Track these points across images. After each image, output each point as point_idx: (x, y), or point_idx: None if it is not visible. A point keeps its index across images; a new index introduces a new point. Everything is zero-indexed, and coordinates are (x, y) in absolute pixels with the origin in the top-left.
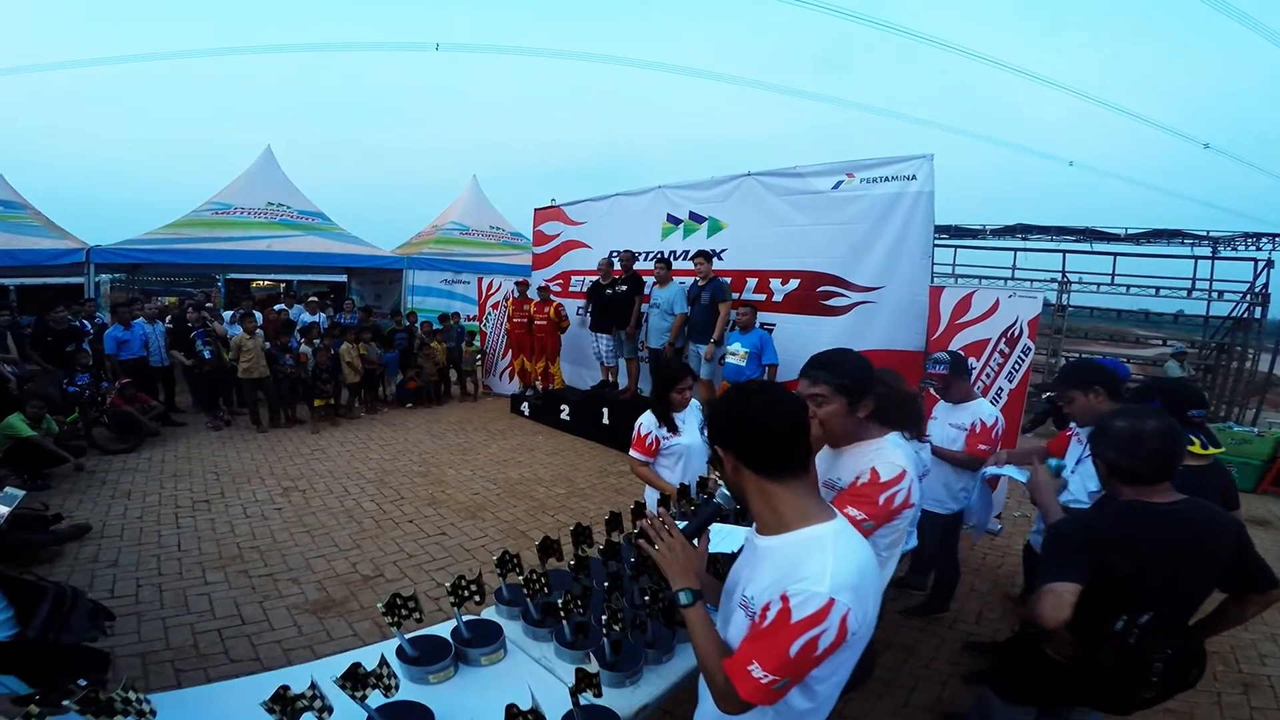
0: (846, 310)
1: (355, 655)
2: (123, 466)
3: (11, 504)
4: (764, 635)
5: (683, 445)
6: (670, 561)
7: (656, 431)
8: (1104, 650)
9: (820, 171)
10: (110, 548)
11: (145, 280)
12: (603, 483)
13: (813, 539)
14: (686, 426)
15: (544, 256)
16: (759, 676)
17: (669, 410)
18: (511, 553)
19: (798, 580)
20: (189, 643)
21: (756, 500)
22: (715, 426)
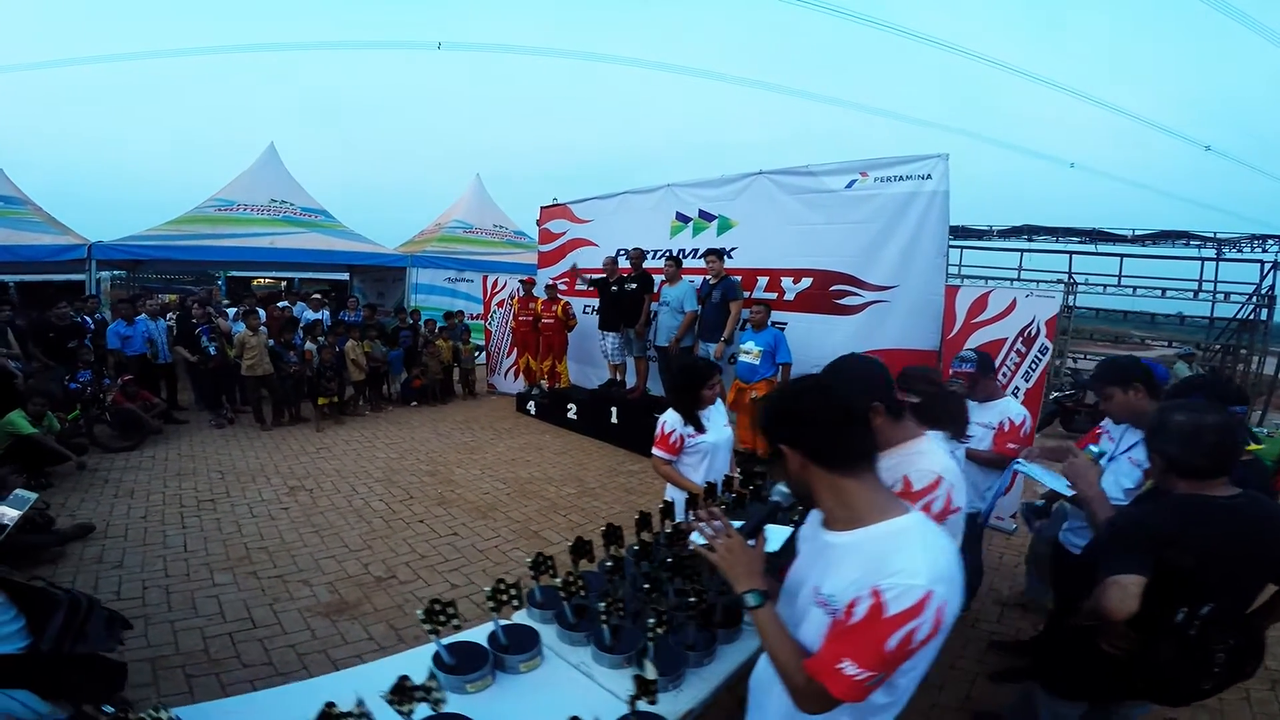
0: (860, 309)
1: (389, 663)
2: (125, 465)
3: (23, 507)
4: (854, 632)
5: (709, 443)
6: (731, 563)
7: (681, 429)
8: (1165, 643)
9: (834, 170)
10: (115, 548)
11: (145, 278)
12: (613, 482)
13: (897, 532)
14: (711, 424)
15: (550, 254)
16: (854, 674)
17: (696, 408)
18: (546, 555)
19: (890, 574)
20: (199, 647)
21: (827, 497)
22: (779, 424)
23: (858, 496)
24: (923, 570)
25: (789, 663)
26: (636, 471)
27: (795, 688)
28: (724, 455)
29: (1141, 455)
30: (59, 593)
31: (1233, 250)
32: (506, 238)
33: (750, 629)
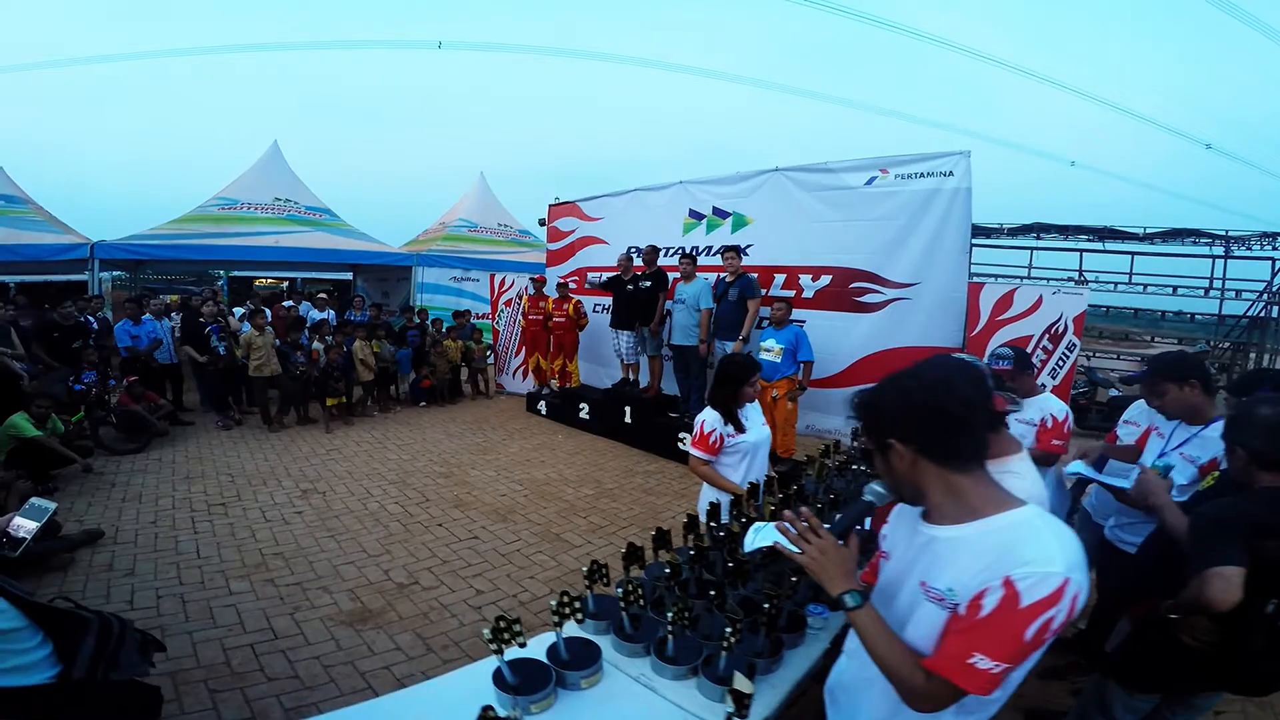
0: (881, 307)
1: (450, 680)
2: (131, 468)
3: (41, 518)
4: (985, 625)
5: (749, 443)
6: (824, 565)
7: (721, 429)
8: (1256, 634)
9: (853, 167)
10: (125, 555)
11: (146, 278)
12: (630, 483)
13: (1022, 522)
14: (750, 423)
15: (559, 253)
16: (988, 667)
17: (736, 405)
18: (599, 562)
19: (1022, 563)
20: (220, 660)
21: (937, 492)
22: (887, 419)
23: (973, 491)
24: (1058, 557)
25: (902, 663)
26: (653, 472)
27: (912, 688)
28: (763, 455)
29: (1195, 451)
30: (88, 614)
31: (1242, 248)
32: (511, 236)
33: (815, 632)
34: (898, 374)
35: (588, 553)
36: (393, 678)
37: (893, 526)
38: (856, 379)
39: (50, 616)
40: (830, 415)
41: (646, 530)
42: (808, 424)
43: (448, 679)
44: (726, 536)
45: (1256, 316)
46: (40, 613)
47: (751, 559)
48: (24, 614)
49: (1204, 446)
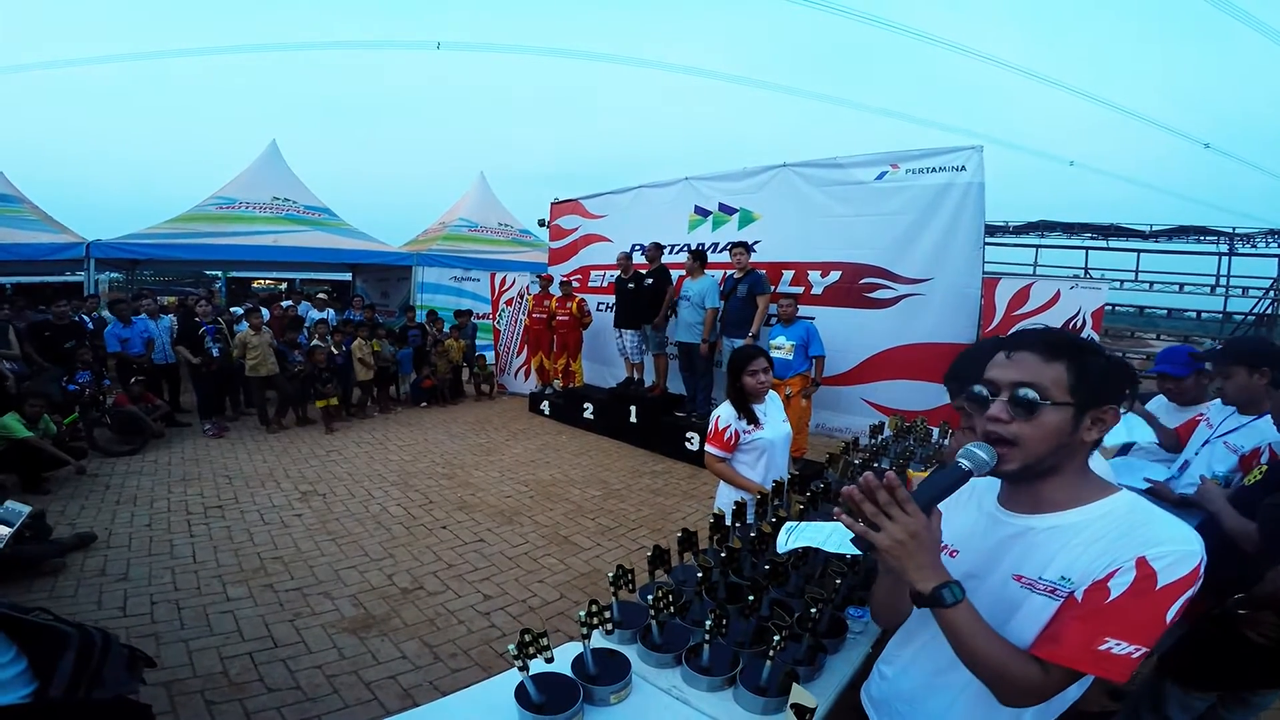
0: (893, 303)
1: (468, 695)
2: (126, 470)
3: (15, 521)
4: (1116, 608)
5: (765, 440)
6: (911, 551)
7: (736, 425)
8: None
9: (862, 162)
10: (118, 559)
11: (143, 279)
12: (637, 484)
13: (1137, 504)
14: (768, 419)
15: (561, 251)
16: (1126, 652)
17: (747, 399)
18: (625, 568)
19: (1155, 543)
20: (218, 669)
21: (1071, 472)
22: (1106, 380)
23: (1087, 472)
24: (1191, 536)
25: (1012, 660)
26: (661, 472)
27: (1026, 684)
28: (782, 453)
29: (1240, 440)
30: (67, 628)
31: (1248, 245)
32: (512, 236)
33: (855, 637)
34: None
35: (597, 555)
36: (399, 688)
37: (949, 519)
38: (867, 376)
39: (25, 630)
40: (841, 413)
41: (657, 532)
42: (818, 423)
43: (464, 696)
44: (757, 537)
45: (1263, 314)
46: (13, 626)
47: (786, 560)
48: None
49: (1249, 436)
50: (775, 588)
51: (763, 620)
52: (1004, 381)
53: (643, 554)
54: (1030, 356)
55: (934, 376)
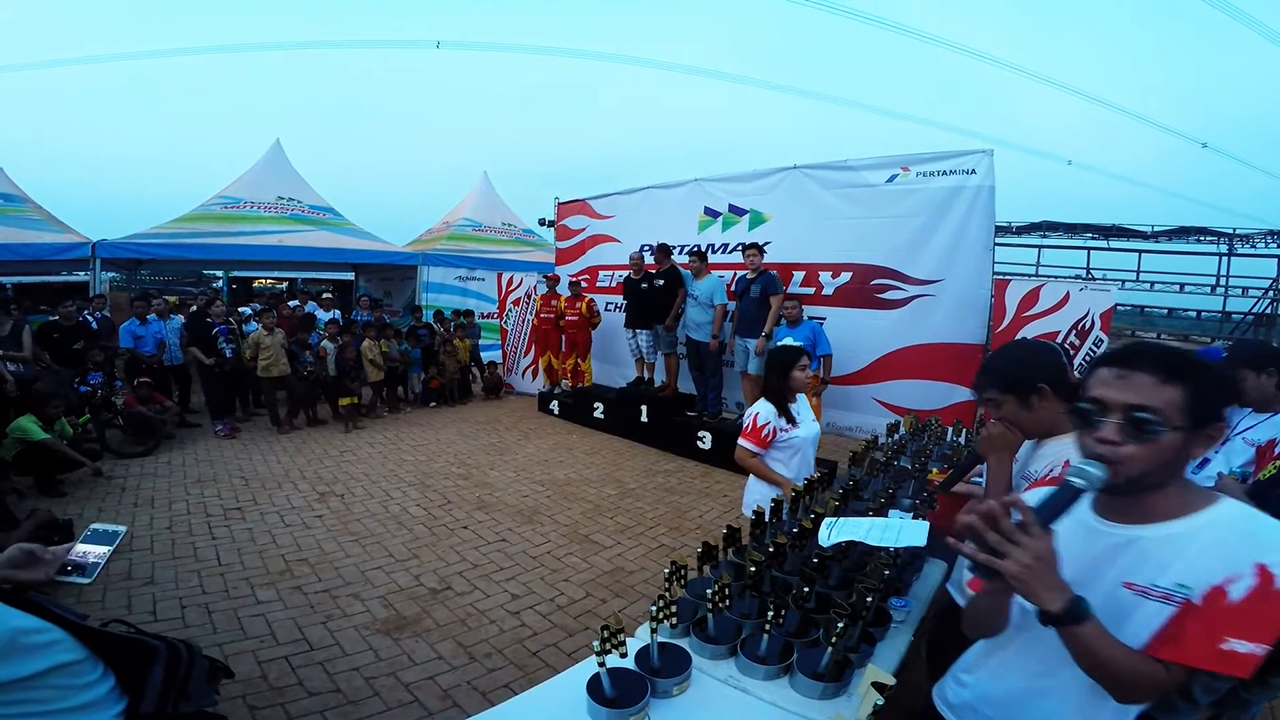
0: (903, 304)
1: (538, 694)
2: (141, 471)
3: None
4: (1237, 610)
5: (800, 438)
6: (1039, 574)
7: (775, 422)
8: None
9: (873, 165)
10: (143, 563)
11: (144, 279)
12: (651, 482)
13: (1249, 513)
14: (802, 418)
15: (568, 251)
16: (1248, 650)
17: (789, 396)
18: (679, 564)
19: (1274, 550)
20: (256, 674)
21: (1176, 483)
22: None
23: (1188, 484)
24: None
25: (1138, 663)
26: (673, 471)
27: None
28: (812, 452)
29: (1256, 435)
30: (154, 642)
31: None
32: (516, 235)
33: (898, 625)
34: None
35: (619, 553)
36: (438, 689)
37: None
38: (878, 376)
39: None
40: (851, 412)
41: (674, 530)
42: (829, 421)
43: (534, 694)
44: (799, 533)
45: (1262, 313)
46: (98, 640)
47: (830, 554)
48: (82, 643)
49: (1266, 430)
50: (822, 581)
51: (809, 611)
52: (1117, 403)
53: (663, 551)
54: (1145, 379)
55: (945, 375)
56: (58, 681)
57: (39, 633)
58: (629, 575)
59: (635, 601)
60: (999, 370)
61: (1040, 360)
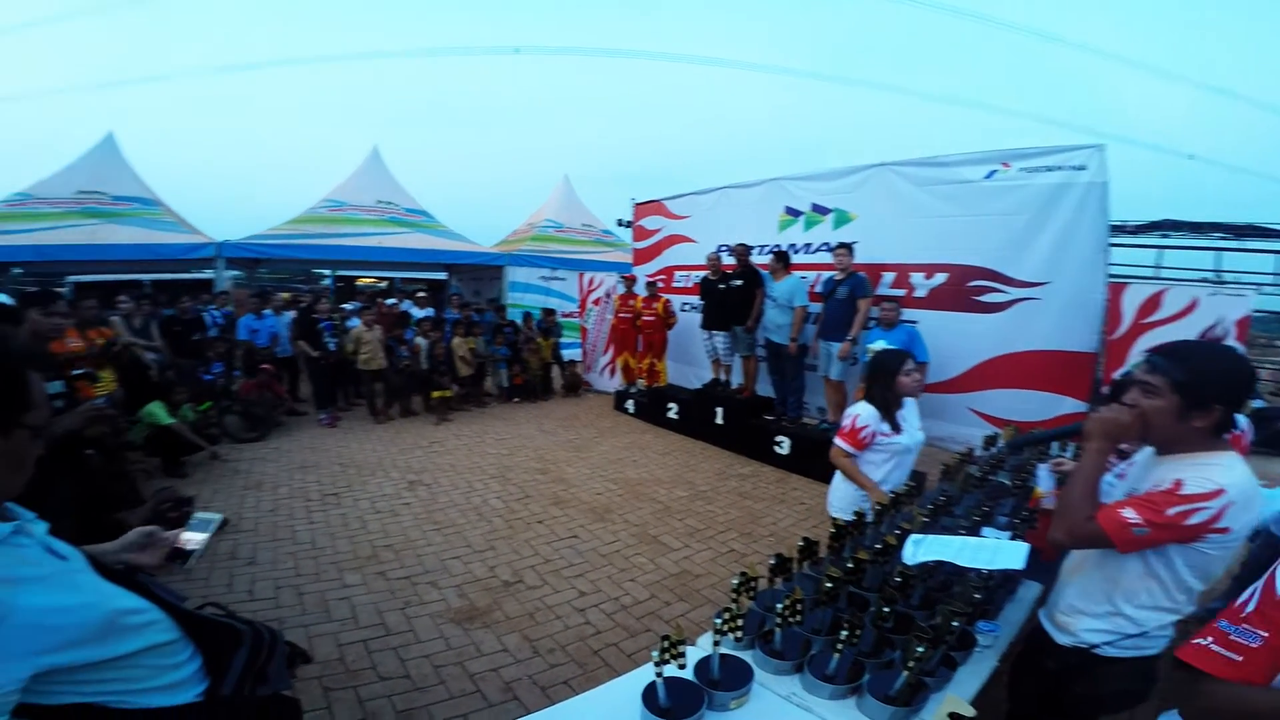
0: (1004, 307)
1: (592, 698)
2: (252, 456)
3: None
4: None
5: (901, 445)
6: None
7: (876, 426)
8: None
9: (970, 161)
10: (247, 543)
11: (262, 277)
12: (725, 485)
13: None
14: (908, 425)
15: (645, 252)
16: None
17: (896, 402)
18: (750, 575)
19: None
20: (335, 655)
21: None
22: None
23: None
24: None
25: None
26: (748, 475)
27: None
28: (911, 463)
29: None
30: (242, 626)
31: None
32: (595, 236)
33: (983, 650)
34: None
35: (686, 556)
36: (501, 681)
37: None
38: (974, 384)
39: (201, 626)
40: (946, 422)
41: (746, 535)
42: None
43: (589, 698)
44: (884, 549)
45: None
46: (192, 622)
47: (916, 573)
48: (177, 624)
49: None
50: (903, 600)
51: (886, 631)
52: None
53: (732, 557)
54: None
55: (1050, 385)
56: (150, 661)
57: (139, 613)
58: (695, 579)
59: (700, 606)
60: (1191, 365)
61: (1236, 381)
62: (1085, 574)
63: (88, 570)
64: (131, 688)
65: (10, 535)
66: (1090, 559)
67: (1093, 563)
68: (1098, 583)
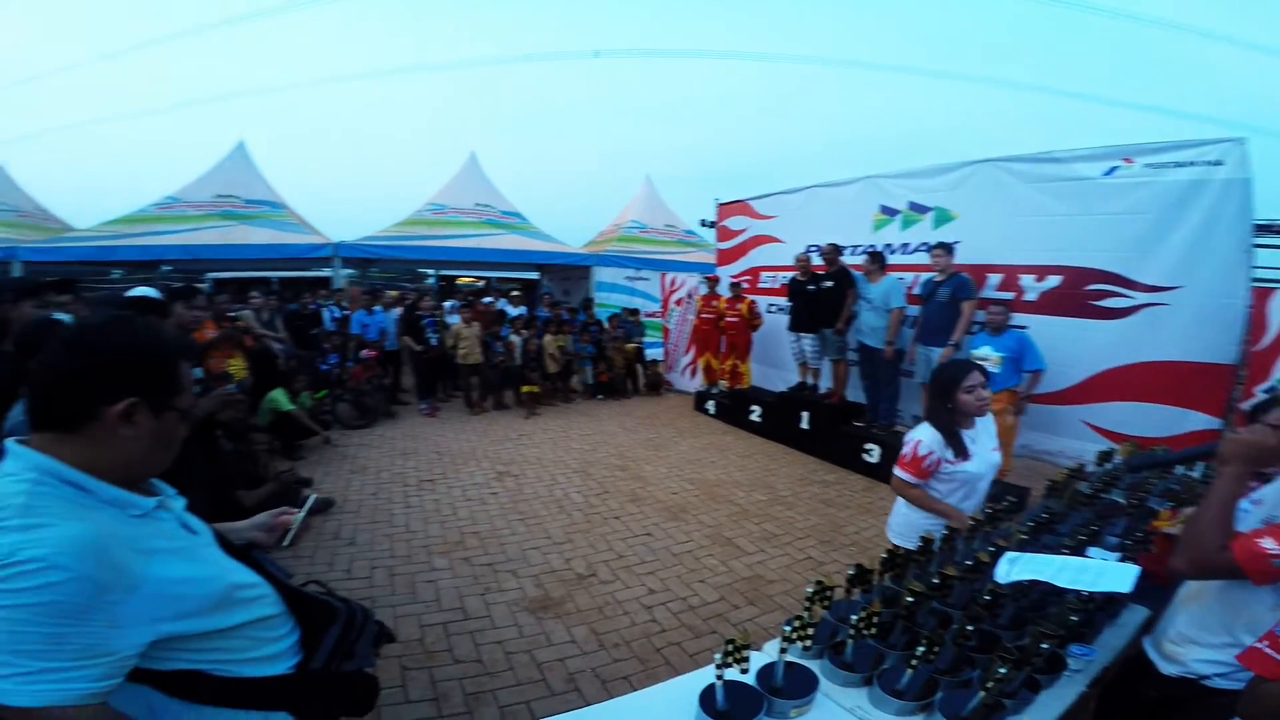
0: (1127, 313)
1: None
2: (359, 442)
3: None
4: None
5: (969, 473)
6: None
7: (940, 452)
8: None
9: (1087, 156)
10: (349, 524)
11: (373, 276)
12: (806, 491)
13: None
14: (978, 447)
15: (729, 252)
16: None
17: (957, 423)
18: (826, 584)
19: None
20: (416, 636)
21: None
22: None
23: None
24: None
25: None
26: (833, 482)
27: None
28: (985, 487)
29: None
30: (338, 604)
31: None
32: (678, 237)
33: (1072, 675)
34: None
35: (760, 561)
36: (565, 671)
37: None
38: (1090, 395)
39: (302, 602)
40: (1055, 435)
41: (826, 544)
42: (1025, 444)
43: (650, 694)
44: (975, 565)
45: None
46: (294, 598)
47: (1005, 590)
48: (282, 599)
49: None
50: (990, 619)
51: (967, 650)
52: None
53: (809, 564)
54: None
55: (1179, 399)
56: (254, 633)
57: (252, 588)
58: (768, 584)
59: (769, 612)
60: None
61: None
62: (1203, 602)
63: (213, 545)
64: (233, 657)
65: (153, 510)
66: (1211, 587)
67: (1214, 591)
68: (1216, 612)
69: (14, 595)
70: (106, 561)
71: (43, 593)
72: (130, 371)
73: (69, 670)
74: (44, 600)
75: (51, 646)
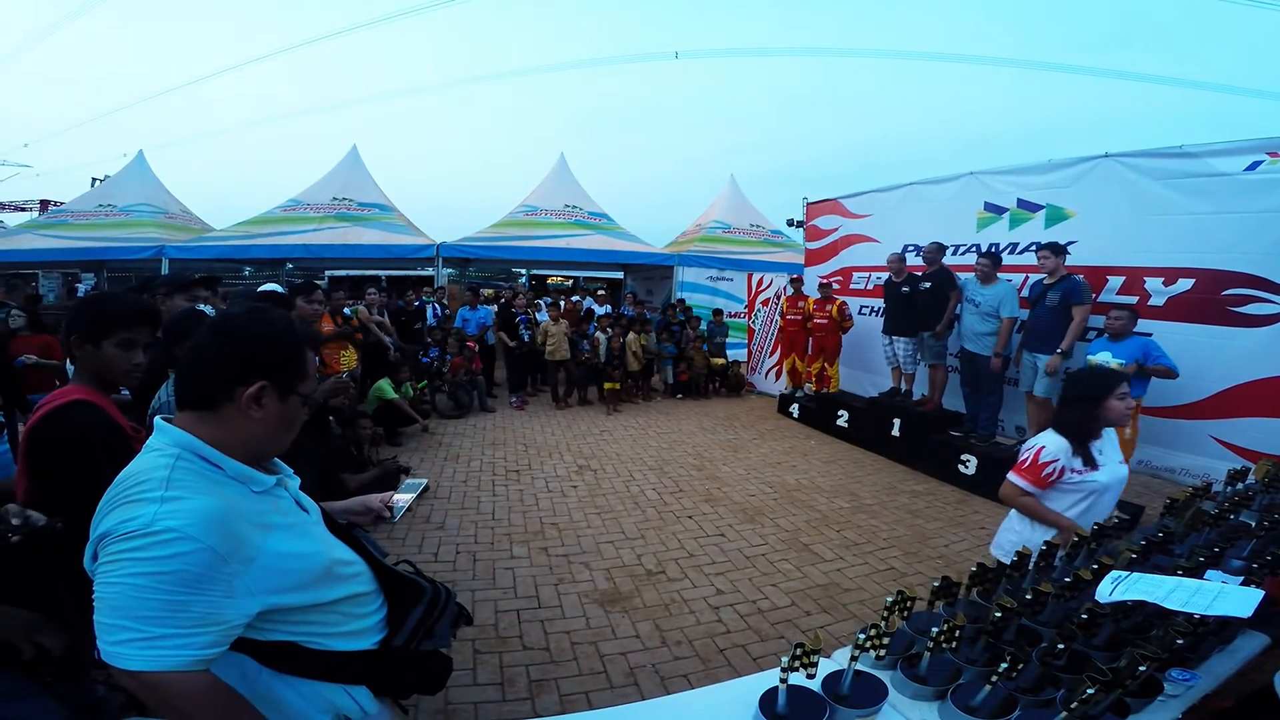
0: (1272, 321)
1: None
2: (454, 431)
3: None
4: None
5: (1099, 483)
6: None
7: (1067, 461)
8: None
9: (1224, 151)
10: (440, 509)
11: (471, 275)
12: (893, 501)
13: None
14: (1105, 457)
15: (819, 252)
16: None
17: (1094, 433)
18: (908, 594)
19: None
20: (490, 622)
21: None
22: None
23: None
24: None
25: None
26: (922, 493)
27: None
28: (1111, 500)
29: None
30: (425, 584)
31: None
32: (763, 237)
33: (1167, 700)
34: None
35: (838, 569)
36: (626, 665)
37: None
38: (1223, 410)
39: (393, 580)
40: (1179, 451)
41: (911, 555)
42: (1143, 459)
43: (709, 693)
44: (1074, 582)
45: None
46: (386, 576)
47: (1105, 610)
48: (375, 577)
49: None
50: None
51: (1054, 669)
52: None
53: (890, 575)
54: None
55: None
56: (348, 608)
57: (350, 564)
58: (844, 593)
59: (842, 620)
60: None
61: None
62: None
63: (320, 523)
64: (326, 630)
65: (273, 487)
66: None
67: None
68: None
69: (146, 563)
70: (230, 534)
71: (173, 561)
72: (262, 357)
73: (183, 637)
74: (173, 569)
75: (171, 613)
